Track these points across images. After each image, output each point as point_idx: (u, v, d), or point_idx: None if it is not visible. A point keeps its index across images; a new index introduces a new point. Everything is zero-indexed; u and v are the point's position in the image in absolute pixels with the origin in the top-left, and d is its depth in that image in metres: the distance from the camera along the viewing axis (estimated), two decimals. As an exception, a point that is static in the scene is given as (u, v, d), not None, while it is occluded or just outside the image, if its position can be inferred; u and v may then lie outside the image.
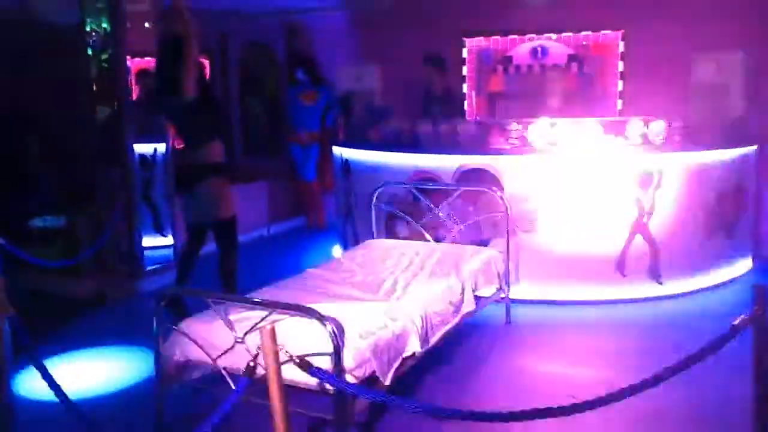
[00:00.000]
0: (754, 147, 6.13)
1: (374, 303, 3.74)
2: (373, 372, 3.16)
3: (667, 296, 5.59)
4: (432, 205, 5.51)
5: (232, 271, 5.01)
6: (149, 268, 6.32)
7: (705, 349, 2.52)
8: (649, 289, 5.58)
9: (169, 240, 6.60)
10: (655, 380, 2.44)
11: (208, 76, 8.08)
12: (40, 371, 3.07)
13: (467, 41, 8.76)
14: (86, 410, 3.35)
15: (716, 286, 5.83)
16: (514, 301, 5.19)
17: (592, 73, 8.34)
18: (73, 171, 6.60)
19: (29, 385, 3.93)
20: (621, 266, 5.51)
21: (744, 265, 6.17)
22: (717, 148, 5.71)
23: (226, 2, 7.95)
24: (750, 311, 2.54)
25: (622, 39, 8.14)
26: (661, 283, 5.58)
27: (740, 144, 5.91)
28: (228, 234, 5.01)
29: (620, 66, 8.20)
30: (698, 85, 7.58)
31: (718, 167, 5.74)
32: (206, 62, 9.38)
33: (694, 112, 7.33)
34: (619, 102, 8.28)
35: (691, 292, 5.68)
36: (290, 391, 2.50)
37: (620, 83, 8.24)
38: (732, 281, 5.96)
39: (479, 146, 5.80)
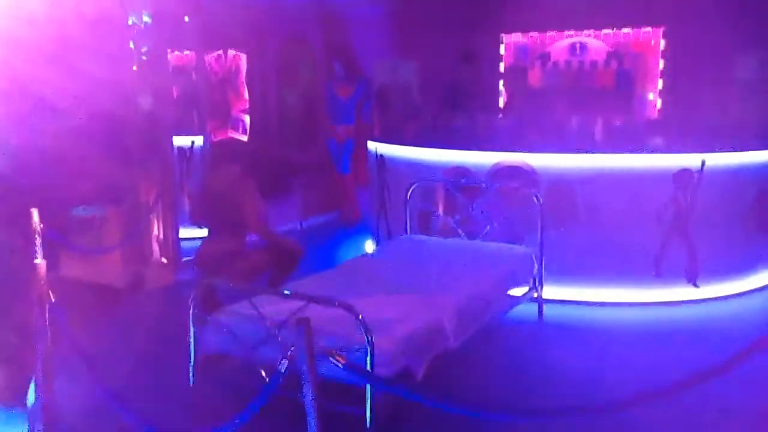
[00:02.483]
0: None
1: (407, 298, 3.75)
2: (406, 366, 3.18)
3: (703, 299, 5.50)
4: (466, 202, 5.50)
5: (278, 280, 5.02)
6: (185, 258, 6.41)
7: (740, 354, 2.48)
8: (685, 291, 5.50)
9: (204, 232, 6.68)
10: (688, 383, 2.41)
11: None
12: (79, 356, 3.14)
13: (505, 37, 8.71)
14: (122, 396, 3.42)
15: (754, 291, 5.72)
16: (546, 300, 5.16)
17: (632, 70, 8.23)
18: (114, 162, 6.72)
19: (70, 369, 4.01)
20: (657, 268, 5.44)
21: (784, 269, 6.05)
22: (758, 148, 5.60)
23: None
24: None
25: (663, 36, 8.01)
26: (697, 286, 5.49)
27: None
28: (277, 264, 5.04)
29: (661, 63, 8.07)
30: (740, 82, 7.43)
31: (758, 167, 5.63)
32: (244, 56, 9.49)
33: (735, 110, 7.19)
34: (659, 100, 8.17)
35: (728, 296, 5.59)
36: (322, 383, 2.52)
37: (660, 81, 8.12)
38: (770, 285, 5.86)
39: (515, 143, 5.77)
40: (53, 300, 3.51)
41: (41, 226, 4.50)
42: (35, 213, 4.53)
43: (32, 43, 5.35)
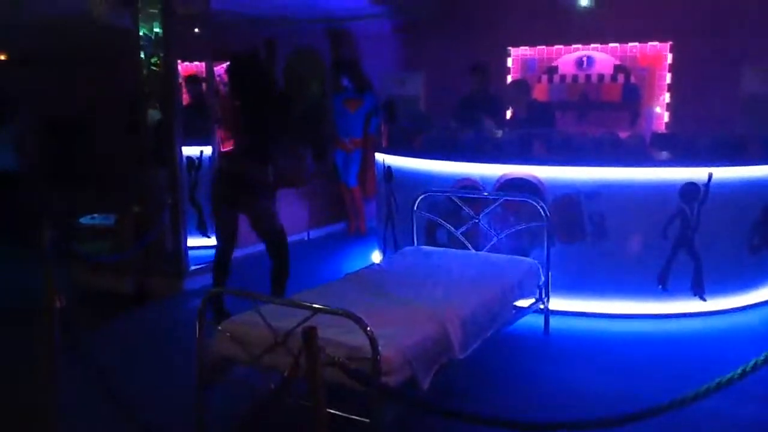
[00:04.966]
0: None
1: (413, 309, 3.76)
2: (411, 376, 3.19)
3: (709, 312, 5.49)
4: (473, 214, 5.52)
5: (280, 279, 5.08)
6: (192, 267, 6.44)
7: (748, 368, 2.48)
8: (692, 304, 5.49)
9: (212, 240, 6.71)
10: (694, 397, 2.42)
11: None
12: (86, 363, 3.17)
13: (512, 50, 8.75)
14: (128, 405, 3.43)
15: (761, 304, 5.71)
16: (552, 312, 5.16)
17: (639, 84, 8.25)
18: (123, 171, 6.77)
19: (75, 375, 4.03)
20: (663, 280, 5.43)
21: (791, 283, 6.03)
22: (765, 162, 5.60)
23: (272, 9, 8.06)
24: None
25: (670, 50, 8.04)
26: (704, 299, 5.49)
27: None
28: (278, 245, 5.11)
29: (668, 78, 8.09)
30: (747, 97, 7.43)
31: (765, 181, 5.62)
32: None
33: (742, 125, 7.20)
34: (666, 114, 8.18)
35: (735, 309, 5.57)
36: (329, 391, 2.54)
37: (667, 95, 8.14)
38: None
39: (522, 156, 5.78)
40: (61, 307, 3.54)
41: (50, 234, 4.53)
42: (44, 221, 4.56)
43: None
